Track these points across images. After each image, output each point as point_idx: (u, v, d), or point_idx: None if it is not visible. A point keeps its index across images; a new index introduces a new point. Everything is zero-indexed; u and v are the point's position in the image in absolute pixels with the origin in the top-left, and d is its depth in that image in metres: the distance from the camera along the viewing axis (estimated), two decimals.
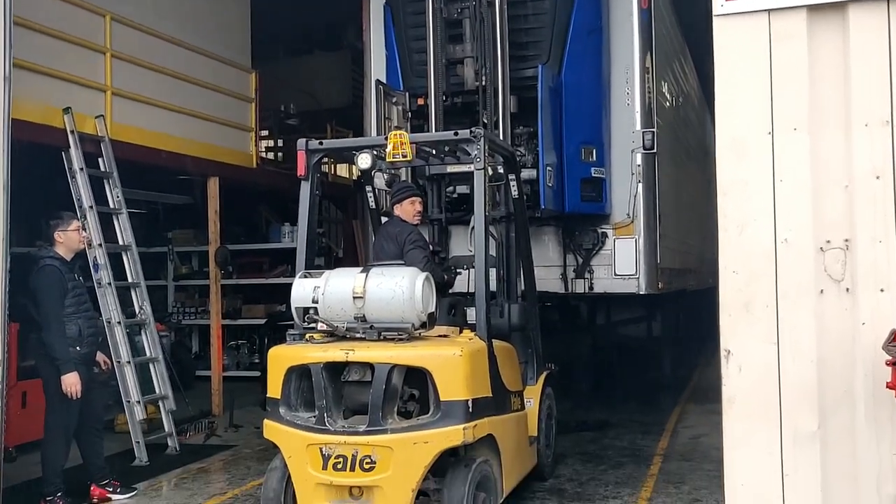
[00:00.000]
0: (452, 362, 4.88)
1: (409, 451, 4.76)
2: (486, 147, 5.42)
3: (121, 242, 8.25)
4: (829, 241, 3.77)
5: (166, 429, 8.14)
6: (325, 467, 4.84)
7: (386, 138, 5.49)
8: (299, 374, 5.14)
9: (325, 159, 8.06)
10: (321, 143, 5.75)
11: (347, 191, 14.72)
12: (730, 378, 3.84)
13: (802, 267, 3.77)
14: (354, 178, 14.64)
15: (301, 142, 5.68)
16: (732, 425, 3.84)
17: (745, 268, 3.83)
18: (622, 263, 8.35)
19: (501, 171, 6.40)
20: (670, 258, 9.38)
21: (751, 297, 3.82)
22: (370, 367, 4.97)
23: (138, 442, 7.63)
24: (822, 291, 3.76)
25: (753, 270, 3.82)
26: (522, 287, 6.84)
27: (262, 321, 12.59)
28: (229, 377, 11.36)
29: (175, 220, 13.35)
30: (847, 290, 3.75)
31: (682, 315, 12.69)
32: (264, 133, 15.28)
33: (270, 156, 15.94)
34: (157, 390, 8.19)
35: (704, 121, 14.19)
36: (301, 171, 5.63)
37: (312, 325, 5.25)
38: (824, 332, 3.74)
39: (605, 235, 8.39)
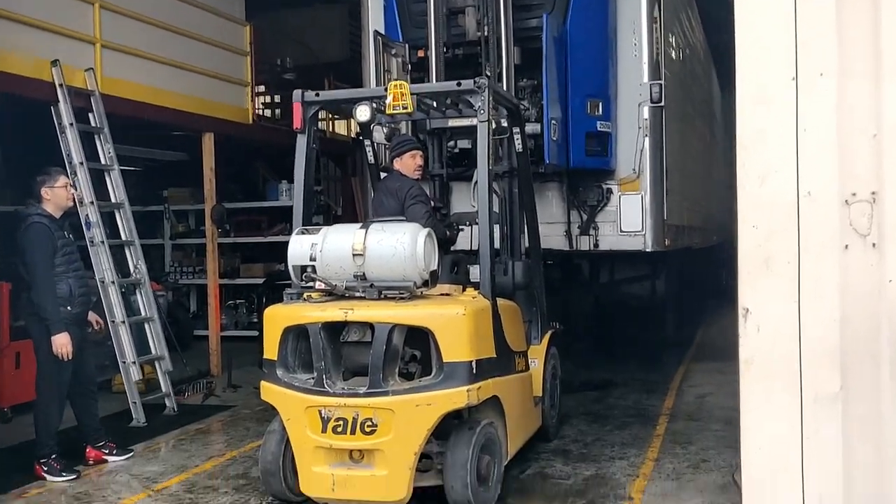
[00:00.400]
0: (456, 322, 4.70)
1: (411, 413, 4.61)
2: (490, 98, 5.19)
3: (113, 200, 8.04)
4: (854, 194, 3.56)
5: (163, 389, 8.01)
6: (324, 430, 4.68)
7: (385, 89, 5.25)
8: (297, 335, 4.97)
9: (323, 114, 7.83)
10: (318, 95, 5.51)
11: (346, 147, 14.46)
12: (748, 338, 3.65)
13: (826, 221, 3.57)
14: (353, 134, 14.40)
15: (297, 93, 5.44)
16: (750, 387, 3.67)
17: (766, 222, 3.63)
18: (628, 220, 8.18)
19: (505, 124, 6.18)
20: (677, 215, 9.19)
21: (771, 252, 3.62)
22: (370, 326, 4.79)
23: (135, 403, 7.50)
24: (846, 247, 3.56)
25: (774, 225, 3.62)
26: (526, 244, 6.65)
27: (261, 280, 12.44)
28: (228, 337, 11.25)
29: (171, 178, 13.15)
30: (873, 245, 3.55)
31: (687, 273, 12.52)
32: (260, 89, 14.96)
33: (267, 112, 15.64)
34: (153, 351, 8.04)
35: (710, 75, 13.90)
36: (297, 123, 5.42)
37: (310, 283, 5.06)
38: (848, 289, 3.55)
39: (610, 191, 8.23)
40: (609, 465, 5.90)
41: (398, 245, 4.79)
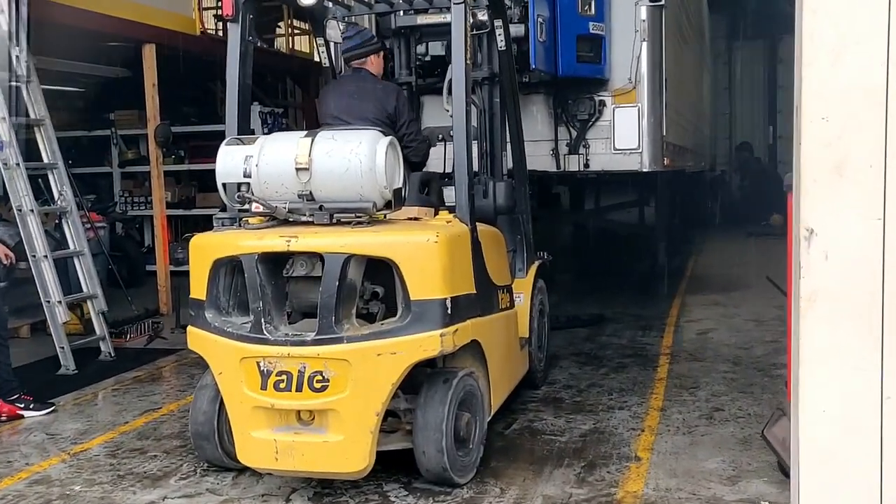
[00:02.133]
0: (425, 251, 3.78)
1: (371, 364, 3.71)
2: None
3: (32, 116, 6.97)
4: None
5: (97, 332, 7.08)
6: (264, 387, 3.77)
7: None
8: (230, 269, 4.04)
9: (284, 29, 6.77)
10: None
11: (308, 66, 13.32)
12: (812, 268, 2.76)
13: None
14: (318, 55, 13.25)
15: None
16: (813, 331, 2.79)
17: (840, 113, 2.70)
18: (623, 136, 7.32)
19: (484, 18, 5.18)
20: (675, 132, 8.29)
21: (846, 153, 2.70)
22: (320, 258, 3.86)
23: (62, 348, 6.59)
24: None
25: (852, 116, 2.69)
26: (509, 163, 5.73)
27: (219, 210, 11.44)
28: (182, 272, 10.28)
29: (118, 100, 12.00)
30: None
31: (676, 199, 11.69)
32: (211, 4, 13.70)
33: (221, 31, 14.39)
34: (83, 289, 7.08)
35: None
36: (227, 10, 4.38)
37: (246, 206, 4.10)
38: None
39: (603, 104, 7.38)
40: (608, 416, 5.07)
41: (352, 157, 3.83)
